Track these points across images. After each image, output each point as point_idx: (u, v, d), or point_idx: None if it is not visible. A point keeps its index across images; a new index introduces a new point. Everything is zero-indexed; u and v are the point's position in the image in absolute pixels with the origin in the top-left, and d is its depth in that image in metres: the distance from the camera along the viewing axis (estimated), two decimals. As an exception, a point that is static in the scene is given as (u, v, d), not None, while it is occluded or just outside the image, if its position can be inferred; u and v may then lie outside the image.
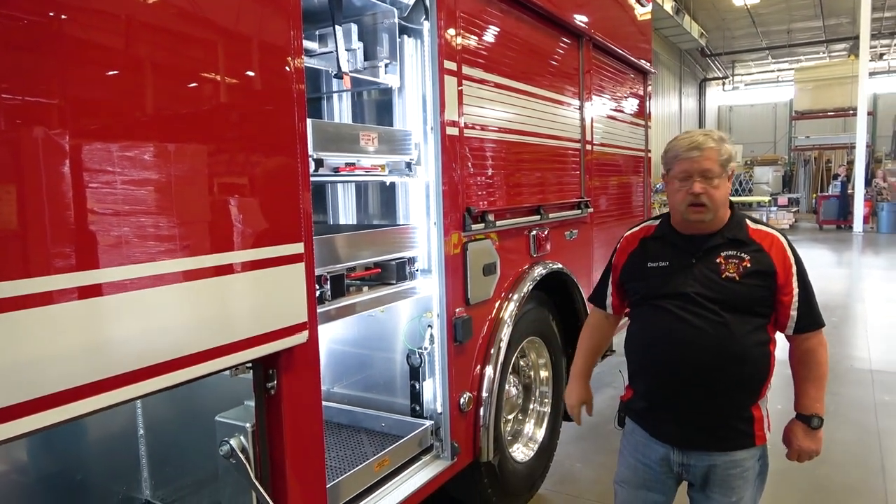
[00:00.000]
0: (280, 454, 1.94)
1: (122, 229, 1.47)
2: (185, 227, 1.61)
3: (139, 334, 1.51)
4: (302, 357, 1.97)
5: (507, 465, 3.32)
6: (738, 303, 1.94)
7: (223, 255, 1.71)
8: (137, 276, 1.49)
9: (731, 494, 2.02)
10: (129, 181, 1.50)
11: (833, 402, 5.09)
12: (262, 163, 1.83)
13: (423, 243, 2.73)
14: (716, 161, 1.93)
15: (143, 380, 1.51)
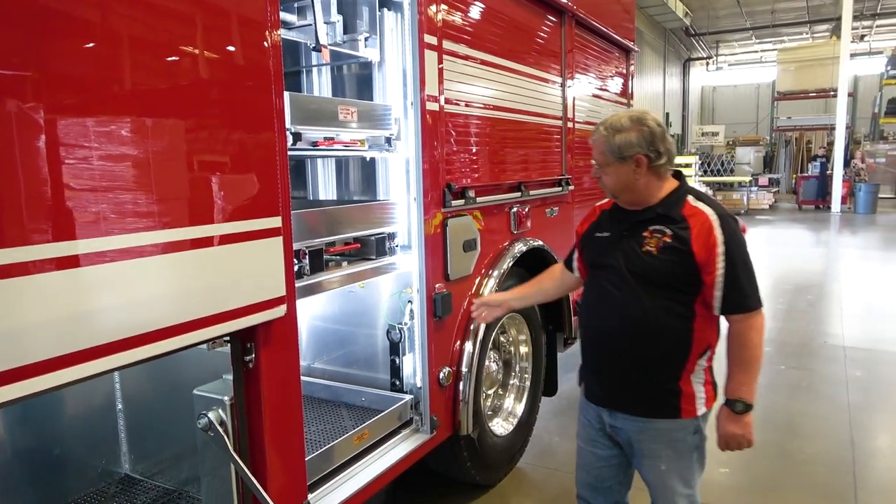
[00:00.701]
0: (259, 427, 1.95)
1: (99, 201, 1.46)
2: (162, 200, 1.60)
3: (116, 306, 1.50)
4: (280, 331, 1.97)
5: (487, 438, 3.36)
6: (655, 277, 2.00)
7: (200, 229, 1.70)
8: (115, 248, 1.49)
9: (659, 462, 2.08)
10: (105, 154, 1.48)
11: (806, 378, 5.21)
12: (239, 136, 1.81)
13: (402, 219, 2.73)
14: (601, 152, 2.04)
15: (120, 351, 1.50)
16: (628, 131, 1.98)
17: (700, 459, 2.12)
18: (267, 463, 1.96)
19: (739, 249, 1.97)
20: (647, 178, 2.01)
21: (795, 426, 4.32)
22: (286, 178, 1.96)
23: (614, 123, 2.01)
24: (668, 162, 2.02)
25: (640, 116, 2.01)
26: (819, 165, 19.42)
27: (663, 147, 1.99)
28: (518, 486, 3.62)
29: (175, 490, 2.38)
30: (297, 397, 2.07)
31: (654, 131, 1.98)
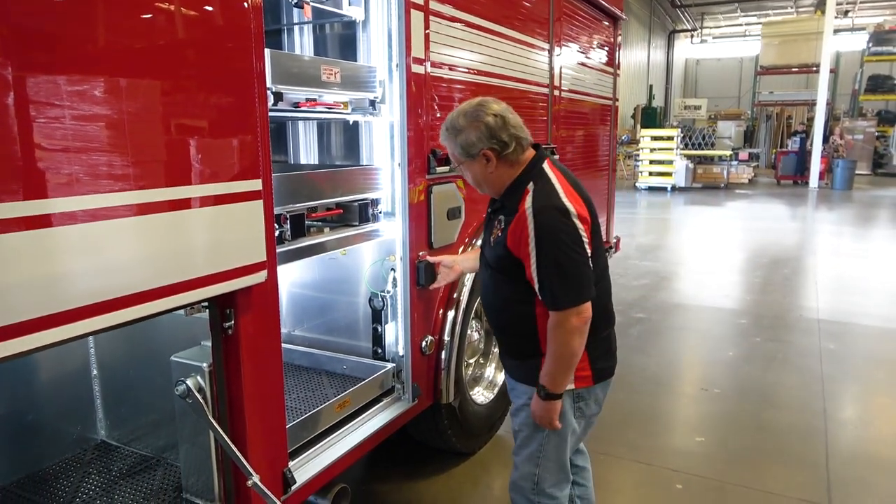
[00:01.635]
0: (238, 394, 1.91)
1: (72, 161, 1.39)
2: (138, 161, 1.53)
3: (89, 269, 1.44)
4: (260, 297, 1.93)
5: (468, 407, 3.37)
6: (493, 263, 2.11)
7: (178, 190, 1.63)
8: (87, 209, 1.42)
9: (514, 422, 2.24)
10: (79, 113, 1.40)
11: (781, 350, 5.30)
12: (217, 95, 1.74)
13: (386, 185, 2.68)
14: (451, 152, 2.09)
15: (94, 316, 1.45)
16: (466, 130, 1.99)
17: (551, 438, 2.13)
18: (247, 431, 1.93)
19: (551, 247, 1.91)
20: (500, 168, 2.02)
21: (770, 397, 4.40)
22: (266, 140, 1.89)
23: (454, 123, 2.02)
24: (517, 147, 2.00)
25: (476, 111, 1.98)
26: (799, 141, 19.58)
27: (507, 135, 1.98)
28: (498, 454, 3.64)
29: (153, 457, 2.34)
30: (278, 364, 2.03)
31: (490, 124, 1.96)
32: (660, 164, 17.80)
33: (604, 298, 2.14)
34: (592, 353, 2.09)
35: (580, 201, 1.99)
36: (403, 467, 3.46)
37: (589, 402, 2.16)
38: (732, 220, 13.00)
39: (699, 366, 5.08)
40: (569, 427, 2.15)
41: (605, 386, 2.21)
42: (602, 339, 2.14)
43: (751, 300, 6.87)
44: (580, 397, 2.13)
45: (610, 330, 2.21)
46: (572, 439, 2.20)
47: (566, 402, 2.10)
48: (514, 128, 2.00)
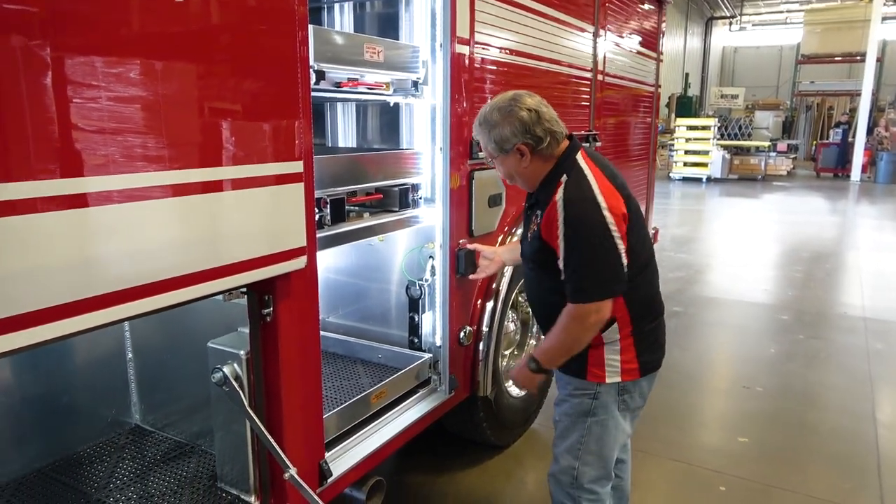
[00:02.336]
0: (275, 384, 1.85)
1: (108, 141, 1.33)
2: (175, 140, 1.46)
3: (127, 251, 1.38)
4: (300, 283, 1.86)
5: (504, 399, 3.28)
6: (532, 257, 2.07)
7: (216, 171, 1.56)
8: (125, 188, 1.36)
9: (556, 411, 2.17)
10: (118, 93, 1.34)
11: (825, 348, 5.11)
12: (258, 73, 1.66)
13: (427, 170, 2.59)
14: (485, 146, 2.03)
15: (130, 301, 1.39)
16: (501, 125, 1.94)
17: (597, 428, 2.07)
18: (283, 421, 1.88)
19: (578, 238, 1.86)
20: (534, 163, 1.98)
21: (814, 397, 4.24)
22: (308, 121, 1.81)
23: (487, 118, 1.97)
24: (552, 141, 1.95)
25: (510, 106, 1.93)
26: (841, 132, 18.97)
27: (541, 130, 1.93)
28: (532, 448, 3.56)
29: (187, 443, 2.30)
30: (316, 354, 1.96)
31: (524, 119, 1.91)
32: (695, 155, 17.41)
33: (647, 289, 2.08)
34: (639, 345, 2.04)
35: (615, 193, 1.92)
36: (436, 459, 3.39)
37: (634, 395, 2.10)
38: (770, 213, 12.65)
39: (739, 362, 4.91)
40: (612, 420, 2.08)
41: (651, 379, 2.14)
42: (648, 332, 2.07)
43: (792, 296, 6.66)
44: (625, 390, 2.07)
45: (657, 321, 2.13)
46: (617, 433, 2.12)
47: (610, 395, 2.05)
48: (549, 122, 1.95)
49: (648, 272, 2.08)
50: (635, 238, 1.95)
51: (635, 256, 1.95)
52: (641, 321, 2.03)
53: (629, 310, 2.00)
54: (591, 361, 2.03)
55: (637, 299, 2.00)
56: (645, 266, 2.05)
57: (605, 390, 2.04)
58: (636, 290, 1.99)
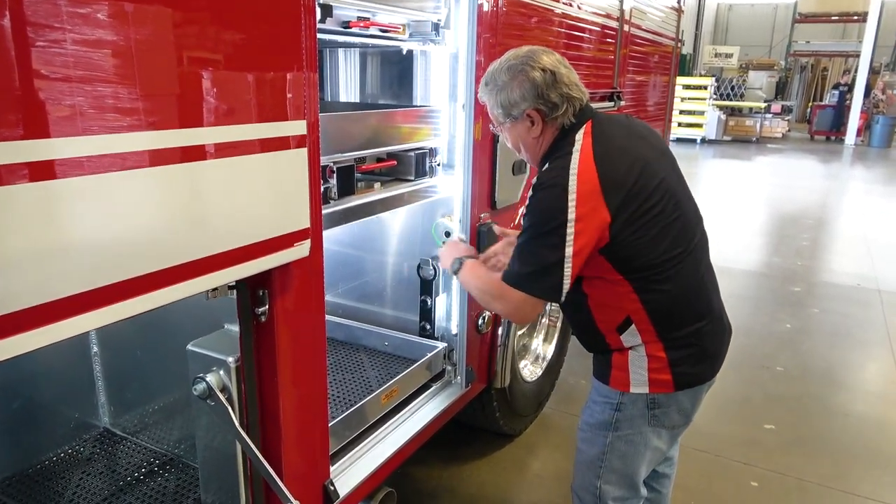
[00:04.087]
0: (272, 396, 1.51)
1: (60, 90, 0.94)
2: (137, 90, 1.07)
3: (70, 245, 1.01)
4: (303, 274, 1.49)
5: (517, 386, 2.98)
6: None
7: (193, 133, 1.18)
8: (67, 157, 0.97)
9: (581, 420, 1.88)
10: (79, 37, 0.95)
11: (844, 324, 4.86)
12: (252, 7, 1.26)
13: (445, 131, 2.20)
14: (491, 111, 1.75)
15: (81, 313, 1.02)
16: (509, 87, 1.65)
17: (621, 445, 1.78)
18: (282, 440, 1.54)
19: (528, 225, 1.61)
20: (546, 134, 1.69)
21: (840, 378, 4.00)
22: (314, 69, 1.42)
23: (495, 77, 1.69)
24: (568, 109, 1.65)
25: (522, 65, 1.64)
26: (838, 94, 18.62)
27: (556, 95, 1.63)
28: (545, 436, 3.28)
29: (165, 454, 1.95)
30: (322, 359, 1.61)
31: (537, 81, 1.62)
32: (690, 115, 16.99)
33: (678, 288, 1.67)
34: (672, 353, 1.69)
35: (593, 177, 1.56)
36: (442, 450, 3.08)
37: (668, 410, 1.75)
38: (770, 177, 12.37)
39: (755, 339, 4.64)
40: (640, 436, 1.76)
41: (694, 394, 1.77)
42: (685, 337, 1.70)
43: (802, 266, 6.40)
44: (656, 404, 1.73)
45: (699, 327, 1.72)
46: (646, 452, 1.80)
47: (637, 408, 1.73)
48: (567, 86, 1.65)
49: (682, 266, 1.67)
50: (651, 228, 1.59)
51: (651, 249, 1.60)
52: (669, 326, 1.67)
53: (648, 312, 1.65)
54: (615, 364, 1.73)
55: (660, 300, 1.65)
56: (675, 259, 1.64)
57: (631, 401, 1.73)
58: (658, 288, 1.64)
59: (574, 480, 1.91)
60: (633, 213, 1.57)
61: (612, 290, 1.65)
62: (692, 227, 1.72)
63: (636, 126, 1.79)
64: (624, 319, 1.67)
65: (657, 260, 1.62)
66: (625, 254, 1.59)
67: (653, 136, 1.80)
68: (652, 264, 1.61)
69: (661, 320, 1.66)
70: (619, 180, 1.56)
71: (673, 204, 1.65)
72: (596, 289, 1.67)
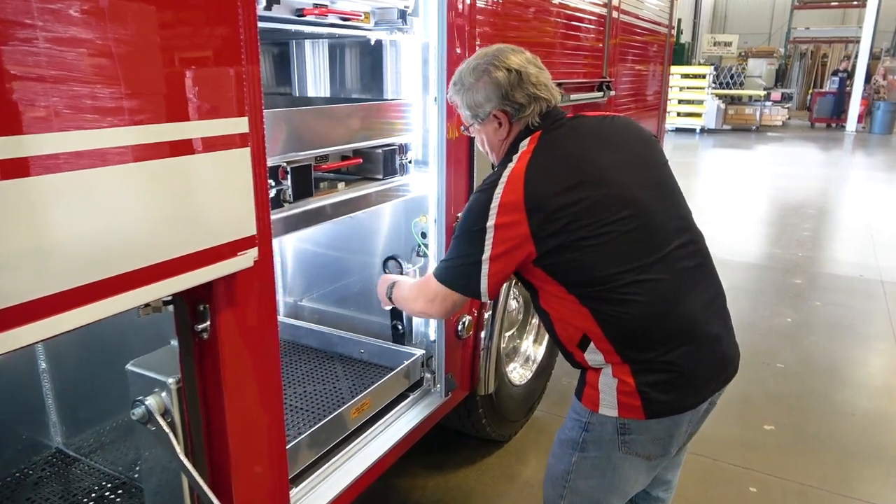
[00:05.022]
0: (219, 419, 1.38)
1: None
2: (45, 88, 0.94)
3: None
4: (249, 287, 1.36)
5: (505, 390, 2.85)
6: None
7: (112, 133, 1.05)
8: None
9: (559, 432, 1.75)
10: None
11: (846, 317, 4.73)
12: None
13: (418, 126, 2.07)
14: (460, 112, 1.71)
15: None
16: (475, 88, 1.61)
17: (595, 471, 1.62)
18: (231, 466, 1.41)
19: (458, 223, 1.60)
20: (513, 134, 1.64)
21: (843, 374, 3.86)
22: (256, 61, 1.28)
23: (462, 78, 1.65)
24: (535, 109, 1.60)
25: (487, 65, 1.59)
26: (838, 81, 18.41)
27: (522, 95, 1.58)
28: (536, 441, 3.16)
29: (118, 476, 1.83)
30: (276, 378, 1.49)
31: (500, 81, 1.57)
32: (689, 104, 16.81)
33: (642, 307, 1.49)
34: (640, 377, 1.52)
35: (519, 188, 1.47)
36: (427, 457, 2.96)
37: (641, 438, 1.58)
38: (770, 166, 12.20)
39: (755, 333, 4.50)
40: (608, 463, 1.61)
41: (671, 424, 1.58)
42: (654, 361, 1.52)
43: (803, 256, 6.26)
44: (626, 429, 1.57)
45: (674, 349, 1.52)
46: (616, 480, 1.63)
47: (605, 431, 1.58)
48: (535, 86, 1.59)
49: (646, 285, 1.50)
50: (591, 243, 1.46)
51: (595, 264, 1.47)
52: (633, 347, 1.51)
53: (604, 331, 1.51)
54: (589, 381, 1.60)
55: (618, 319, 1.49)
56: (628, 277, 1.48)
57: (600, 423, 1.57)
58: (614, 307, 1.49)
59: (543, 494, 1.80)
60: (562, 229, 1.45)
61: (563, 306, 1.55)
62: (663, 237, 1.54)
63: (610, 130, 1.66)
64: (581, 337, 1.55)
65: (604, 276, 1.47)
66: (561, 269, 1.50)
67: (631, 142, 1.65)
68: (598, 280, 1.48)
69: (621, 340, 1.51)
70: (545, 195, 1.46)
71: (629, 215, 1.48)
72: (550, 303, 1.58)
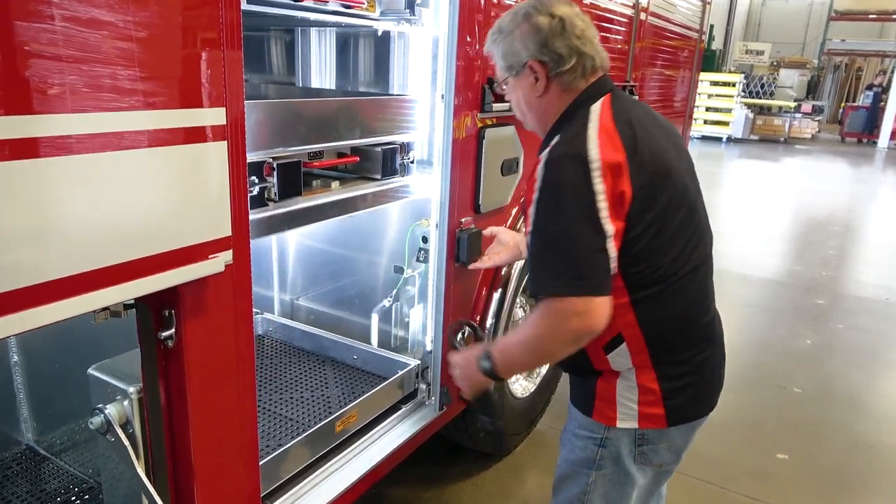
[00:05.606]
0: (183, 434, 1.27)
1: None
2: None
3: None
4: (221, 292, 1.26)
5: (506, 403, 2.73)
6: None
7: (65, 120, 0.95)
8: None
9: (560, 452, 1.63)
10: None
11: (870, 342, 4.53)
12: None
13: (423, 124, 1.95)
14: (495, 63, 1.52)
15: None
16: (512, 35, 1.44)
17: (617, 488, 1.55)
18: (195, 483, 1.30)
19: (547, 207, 1.31)
20: (552, 93, 1.44)
21: (864, 403, 3.68)
22: (237, 46, 1.17)
23: (500, 25, 1.48)
24: (578, 66, 1.41)
25: (528, 8, 1.42)
26: (872, 95, 17.97)
27: (564, 46, 1.40)
28: (536, 456, 3.03)
29: (86, 481, 1.74)
30: (250, 389, 1.38)
31: (541, 26, 1.40)
32: (717, 112, 16.49)
33: (682, 305, 1.44)
34: (665, 383, 1.45)
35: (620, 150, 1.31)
36: (422, 468, 2.85)
37: (658, 447, 1.52)
38: (797, 180, 11.92)
39: (772, 355, 4.33)
40: (625, 475, 1.55)
41: (689, 430, 1.55)
42: (682, 364, 1.47)
43: (826, 276, 6.05)
44: (645, 440, 1.51)
45: (699, 353, 1.50)
46: (628, 491, 1.58)
47: (623, 444, 1.51)
48: (579, 38, 1.41)
49: (689, 283, 1.43)
50: (665, 229, 1.35)
51: (659, 255, 1.36)
52: (665, 349, 1.44)
53: (643, 330, 1.41)
54: (600, 395, 1.50)
55: (660, 316, 1.41)
56: (682, 272, 1.41)
57: (617, 437, 1.50)
58: (660, 302, 1.40)
59: None
60: (652, 202, 1.32)
61: None
62: (705, 243, 1.50)
63: (656, 114, 1.55)
64: (614, 337, 1.43)
65: (664, 266, 1.38)
66: (633, 249, 1.32)
67: (673, 132, 1.55)
68: (657, 270, 1.37)
69: (656, 341, 1.43)
70: (645, 157, 1.32)
71: (688, 210, 1.41)
72: None
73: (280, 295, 2.58)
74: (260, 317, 2.48)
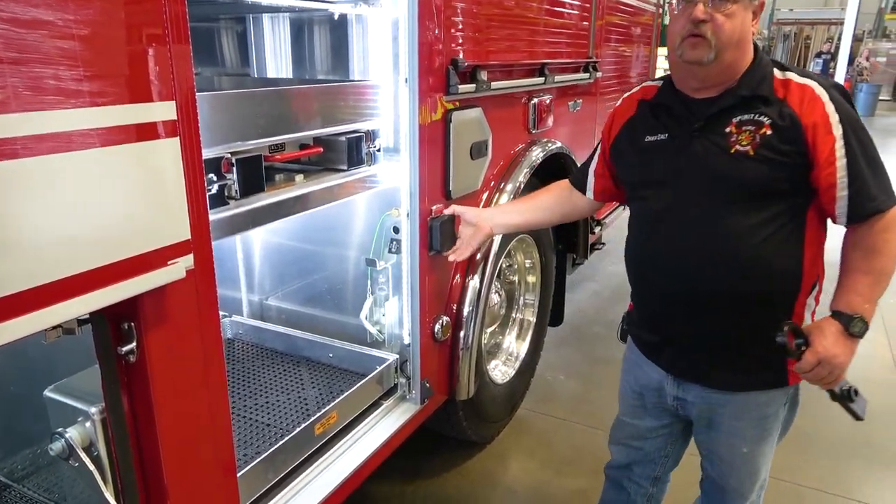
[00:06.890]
0: (152, 453, 1.19)
1: None
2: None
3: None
4: (183, 300, 1.17)
5: (486, 390, 2.69)
6: (753, 187, 1.41)
7: (10, 119, 0.85)
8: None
9: (742, 443, 1.60)
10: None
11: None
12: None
13: (387, 110, 1.87)
14: None
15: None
16: None
17: (783, 435, 1.68)
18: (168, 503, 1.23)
19: (859, 130, 1.38)
20: (748, 37, 1.43)
21: (891, 420, 3.45)
22: (185, 39, 1.09)
23: None
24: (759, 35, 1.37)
25: None
26: (821, 63, 18.38)
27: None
28: (518, 442, 3.01)
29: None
30: (222, 400, 1.30)
31: None
32: (673, 87, 16.66)
33: None
34: None
35: None
36: (404, 460, 2.78)
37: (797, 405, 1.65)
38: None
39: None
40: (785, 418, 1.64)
41: None
42: None
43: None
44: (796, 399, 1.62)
45: None
46: None
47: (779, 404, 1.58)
48: None
49: None
50: None
51: None
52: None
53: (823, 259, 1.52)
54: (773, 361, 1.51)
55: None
56: None
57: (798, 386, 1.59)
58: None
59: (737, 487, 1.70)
60: None
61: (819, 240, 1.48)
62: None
63: None
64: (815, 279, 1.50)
65: None
66: None
67: None
68: None
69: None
70: None
71: None
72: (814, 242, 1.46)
73: (248, 296, 2.48)
74: (228, 320, 2.38)
